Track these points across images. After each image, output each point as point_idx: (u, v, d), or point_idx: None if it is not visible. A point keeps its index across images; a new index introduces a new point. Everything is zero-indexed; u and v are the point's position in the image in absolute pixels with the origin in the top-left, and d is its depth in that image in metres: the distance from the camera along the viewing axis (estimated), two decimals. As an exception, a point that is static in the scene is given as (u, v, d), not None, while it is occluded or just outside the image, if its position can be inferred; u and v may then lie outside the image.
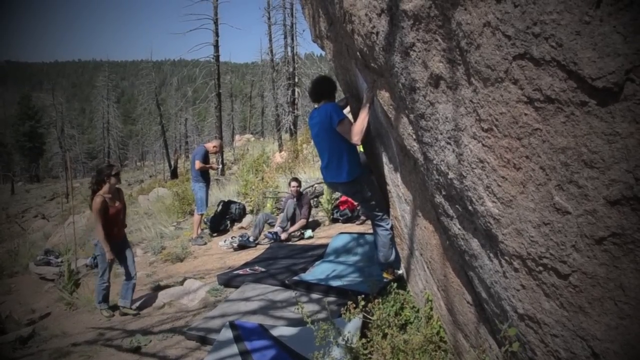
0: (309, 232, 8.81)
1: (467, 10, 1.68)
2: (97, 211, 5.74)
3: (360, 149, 4.74)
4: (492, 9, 1.55)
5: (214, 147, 10.00)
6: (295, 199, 9.10)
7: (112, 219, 5.96)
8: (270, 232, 8.76)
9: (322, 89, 4.72)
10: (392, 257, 4.77)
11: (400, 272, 4.79)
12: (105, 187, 5.90)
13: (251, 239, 8.76)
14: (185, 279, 6.89)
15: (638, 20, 1.10)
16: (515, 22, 1.46)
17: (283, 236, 8.61)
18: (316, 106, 4.80)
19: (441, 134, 2.15)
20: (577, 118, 1.35)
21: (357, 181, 4.53)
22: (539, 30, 1.38)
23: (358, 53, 3.23)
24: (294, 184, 9.31)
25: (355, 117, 4.12)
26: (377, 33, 2.61)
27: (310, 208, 9.30)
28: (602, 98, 1.25)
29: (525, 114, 1.54)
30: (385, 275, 4.91)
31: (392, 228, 4.61)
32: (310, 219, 9.58)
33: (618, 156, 1.25)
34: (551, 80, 1.39)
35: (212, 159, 10.79)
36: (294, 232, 8.76)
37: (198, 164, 9.32)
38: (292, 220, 8.86)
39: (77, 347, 5.20)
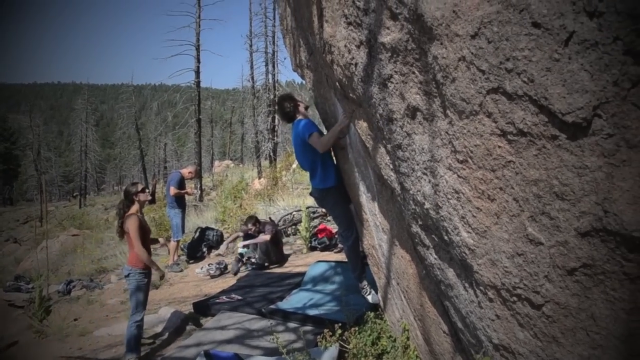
0: (240, 249, 8.68)
1: (443, 44, 1.72)
2: (136, 230, 5.18)
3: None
4: (467, 44, 1.59)
5: (189, 173, 9.90)
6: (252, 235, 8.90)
7: (146, 241, 5.43)
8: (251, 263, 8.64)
9: (282, 112, 5.08)
10: (358, 270, 5.04)
11: (375, 298, 4.79)
12: (135, 206, 5.35)
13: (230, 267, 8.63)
14: (160, 307, 6.77)
15: (603, 60, 1.14)
16: (489, 57, 1.50)
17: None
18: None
19: (418, 164, 2.18)
20: (549, 151, 1.38)
21: (326, 192, 4.87)
22: (511, 66, 1.42)
23: (337, 83, 3.28)
24: (250, 225, 8.91)
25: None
26: (356, 64, 2.65)
27: (274, 228, 8.99)
28: (572, 132, 1.29)
29: (499, 147, 1.58)
30: (361, 287, 5.03)
31: (351, 245, 4.92)
32: (289, 250, 9.53)
33: (587, 189, 1.28)
34: (523, 114, 1.43)
35: (191, 185, 10.69)
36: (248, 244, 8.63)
37: (173, 190, 9.22)
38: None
39: (45, 377, 5.04)
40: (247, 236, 8.85)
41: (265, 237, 8.55)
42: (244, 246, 8.63)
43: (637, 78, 1.09)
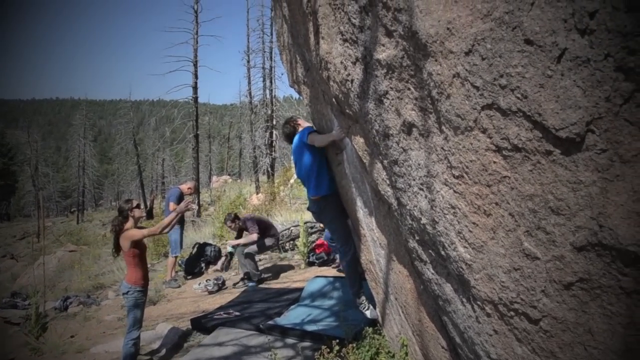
0: (230, 248, 8.57)
1: (438, 61, 1.74)
2: (145, 234, 5.21)
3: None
4: (461, 61, 1.61)
5: (188, 188, 9.89)
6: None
7: (144, 258, 5.38)
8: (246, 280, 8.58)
9: (288, 132, 5.26)
10: (356, 286, 5.00)
11: (374, 314, 4.77)
12: (130, 223, 5.21)
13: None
14: (157, 323, 6.73)
15: (595, 76, 1.16)
16: (483, 74, 1.52)
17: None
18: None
19: (414, 179, 2.19)
20: (543, 166, 1.39)
21: (322, 203, 4.90)
22: (505, 82, 1.44)
23: (334, 99, 3.30)
24: (229, 223, 8.82)
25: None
26: (352, 80, 2.67)
27: (254, 223, 8.73)
28: (566, 147, 1.30)
29: (494, 162, 1.59)
30: (359, 302, 5.00)
31: (350, 262, 4.90)
32: (285, 262, 9.49)
33: (582, 203, 1.29)
34: (518, 129, 1.44)
35: (189, 200, 10.66)
36: (241, 244, 8.44)
37: (172, 206, 9.20)
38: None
39: (40, 395, 4.99)
40: (238, 233, 8.83)
41: (252, 236, 8.44)
42: (232, 246, 8.57)
43: (628, 94, 1.10)
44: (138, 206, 5.41)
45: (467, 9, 1.55)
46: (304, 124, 5.16)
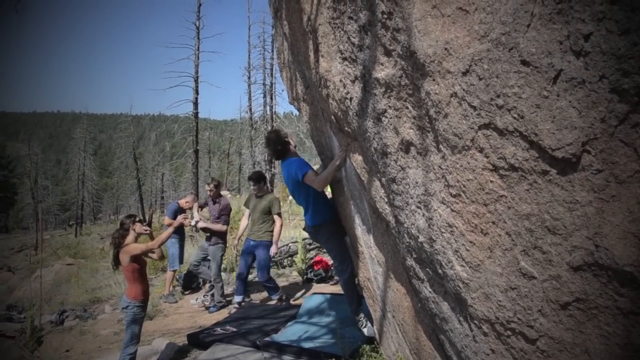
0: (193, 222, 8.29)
1: (435, 80, 1.75)
2: (144, 249, 5.22)
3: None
4: (459, 81, 1.62)
5: (186, 202, 9.88)
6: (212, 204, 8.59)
7: (144, 273, 5.39)
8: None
9: (273, 150, 5.04)
10: (355, 304, 5.01)
11: (371, 331, 4.75)
12: (131, 237, 5.22)
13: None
14: (154, 338, 6.68)
15: (590, 97, 1.17)
16: (480, 93, 1.53)
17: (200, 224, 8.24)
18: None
19: (412, 198, 2.19)
20: (540, 186, 1.40)
21: (319, 227, 4.90)
22: (502, 102, 1.45)
23: (333, 117, 3.31)
24: (212, 186, 8.59)
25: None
26: (351, 99, 2.69)
27: (227, 212, 8.57)
28: (562, 168, 1.31)
29: (491, 181, 1.59)
30: (357, 319, 5.02)
31: (347, 279, 4.92)
32: (285, 282, 9.45)
33: (579, 223, 1.29)
34: (514, 149, 1.45)
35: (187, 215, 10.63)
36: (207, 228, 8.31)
37: (167, 221, 9.20)
38: None
39: (34, 411, 4.93)
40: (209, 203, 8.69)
41: (222, 227, 8.38)
42: (201, 228, 8.49)
43: (623, 115, 1.11)
44: (140, 222, 5.41)
45: (464, 29, 1.57)
46: (292, 141, 5.06)
